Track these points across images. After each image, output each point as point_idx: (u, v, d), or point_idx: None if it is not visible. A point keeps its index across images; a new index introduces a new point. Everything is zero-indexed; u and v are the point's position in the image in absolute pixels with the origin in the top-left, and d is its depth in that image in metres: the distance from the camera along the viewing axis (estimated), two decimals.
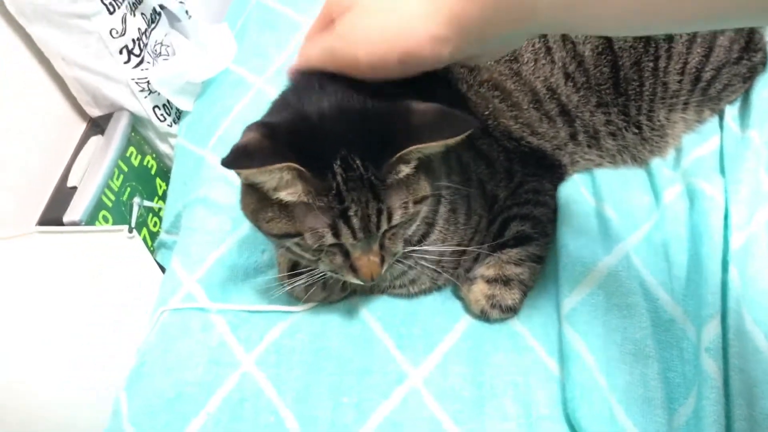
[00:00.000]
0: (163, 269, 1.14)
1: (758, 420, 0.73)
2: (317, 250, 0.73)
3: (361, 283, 0.76)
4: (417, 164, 0.70)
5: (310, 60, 0.70)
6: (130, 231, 1.08)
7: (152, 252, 1.22)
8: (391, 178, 0.69)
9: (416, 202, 0.72)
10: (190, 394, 0.84)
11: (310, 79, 0.72)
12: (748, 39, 0.97)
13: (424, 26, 0.63)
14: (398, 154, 0.67)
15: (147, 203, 1.28)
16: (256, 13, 1.31)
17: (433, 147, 0.68)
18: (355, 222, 0.69)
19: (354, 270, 0.74)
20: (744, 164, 0.92)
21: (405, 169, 0.69)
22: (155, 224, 1.30)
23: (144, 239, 1.25)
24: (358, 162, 0.66)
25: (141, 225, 1.26)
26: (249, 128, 0.68)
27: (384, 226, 0.71)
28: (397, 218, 0.71)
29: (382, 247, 0.74)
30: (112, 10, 1.12)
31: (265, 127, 0.68)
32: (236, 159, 0.65)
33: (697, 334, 0.79)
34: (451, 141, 0.67)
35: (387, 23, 0.64)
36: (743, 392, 0.74)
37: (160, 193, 1.34)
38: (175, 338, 0.91)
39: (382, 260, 0.74)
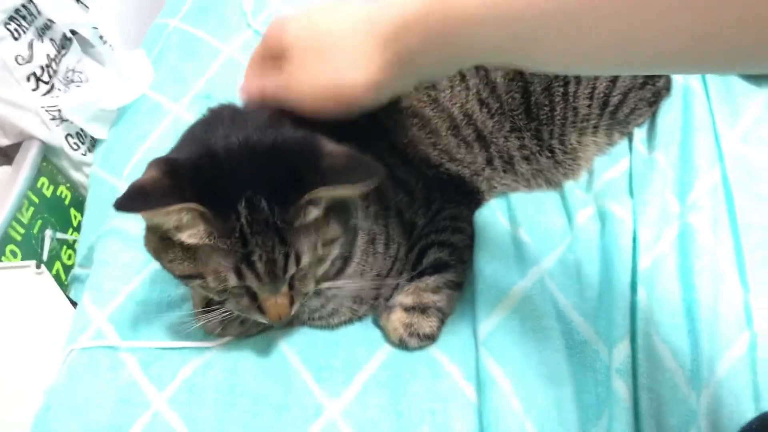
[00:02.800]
0: (75, 305, 1.10)
1: None
2: (223, 291, 0.72)
3: (270, 323, 0.75)
4: (327, 207, 0.69)
5: (264, 99, 0.75)
6: (38, 266, 1.03)
7: (66, 287, 1.17)
8: (298, 221, 0.68)
9: (326, 244, 0.71)
10: None
11: (222, 111, 0.71)
12: None
13: (358, 75, 0.66)
14: (305, 198, 0.66)
15: (60, 235, 1.23)
16: (175, 38, 1.28)
17: (340, 192, 0.67)
18: (260, 267, 0.67)
19: (261, 311, 0.73)
20: (651, 186, 0.95)
21: (314, 212, 0.69)
22: (69, 257, 1.25)
23: (57, 273, 1.20)
24: (264, 204, 0.65)
25: (54, 258, 1.21)
26: (150, 165, 0.67)
27: (291, 270, 0.70)
28: (305, 261, 0.70)
29: (291, 287, 0.73)
30: (17, 36, 1.08)
31: (166, 164, 0.66)
32: (130, 200, 0.63)
33: (608, 355, 0.80)
34: (357, 189, 0.67)
35: (323, 75, 0.69)
36: (652, 411, 0.76)
37: (75, 224, 1.29)
38: (83, 378, 0.87)
39: (291, 301, 0.73)
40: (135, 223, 1.01)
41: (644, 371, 0.78)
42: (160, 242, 0.70)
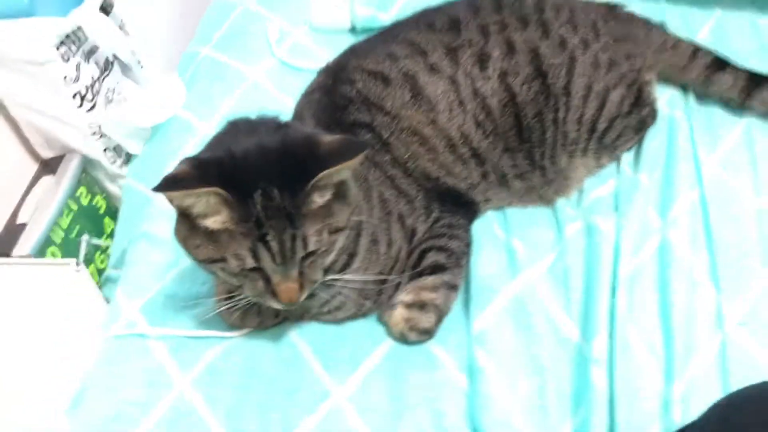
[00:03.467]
0: (108, 303, 1.20)
1: (638, 424, 0.83)
2: (241, 275, 0.82)
3: (282, 308, 0.85)
4: (332, 195, 0.80)
5: None
6: (77, 264, 1.14)
7: (99, 287, 1.28)
8: (306, 207, 0.78)
9: (332, 233, 0.82)
10: (129, 414, 0.91)
11: (238, 122, 0.85)
12: (637, 95, 1.11)
13: None
14: (311, 183, 0.77)
15: (95, 241, 1.34)
16: (205, 64, 1.40)
17: (340, 170, 0.78)
18: (274, 246, 0.78)
19: (275, 295, 0.83)
20: (634, 203, 1.05)
21: (318, 200, 0.79)
22: (102, 261, 1.36)
23: (91, 275, 1.30)
24: (276, 193, 0.77)
25: (88, 262, 1.32)
26: (181, 162, 0.79)
27: (300, 252, 0.80)
28: (312, 245, 0.80)
29: (301, 274, 0.83)
30: (66, 58, 1.20)
31: (195, 160, 0.80)
32: (166, 185, 0.76)
33: (587, 349, 0.89)
34: (352, 162, 0.78)
35: None
36: (627, 399, 0.84)
37: (108, 231, 1.40)
38: (116, 363, 0.97)
39: (301, 287, 0.83)
40: (164, 227, 1.12)
41: (620, 362, 0.87)
42: (188, 231, 0.82)
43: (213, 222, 0.79)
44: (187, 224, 0.81)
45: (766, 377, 0.76)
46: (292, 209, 0.77)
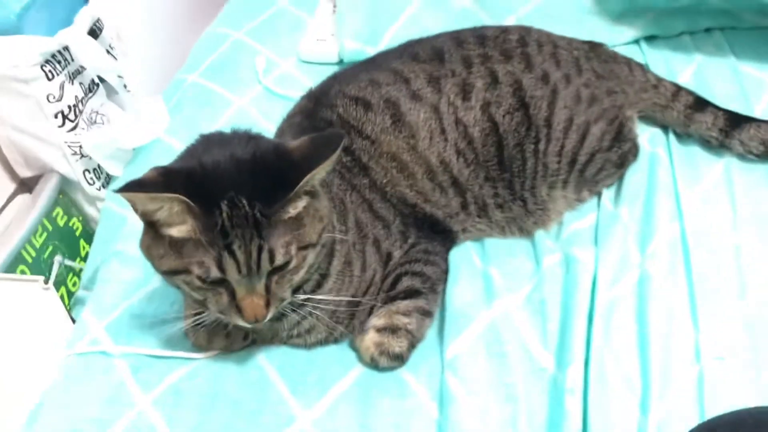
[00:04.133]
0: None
1: None
2: (205, 289, 0.80)
3: (247, 325, 0.82)
4: (304, 207, 0.79)
5: None
6: (45, 282, 1.12)
7: (69, 309, 1.25)
8: (276, 216, 0.77)
9: (301, 248, 0.80)
10: (84, 431, 0.87)
11: (211, 136, 0.85)
12: (618, 131, 1.12)
13: None
14: (295, 189, 0.76)
15: (68, 262, 1.32)
16: (191, 91, 1.41)
17: (321, 171, 0.78)
18: (239, 256, 0.76)
19: (239, 311, 0.80)
20: (613, 236, 1.04)
21: (291, 210, 0.78)
22: (74, 284, 1.33)
23: (62, 297, 1.27)
24: (244, 201, 0.75)
25: (60, 284, 1.29)
26: (150, 169, 0.78)
27: (266, 265, 0.78)
28: (279, 258, 0.78)
29: (268, 290, 0.81)
30: (51, 77, 1.20)
31: (162, 168, 0.79)
32: (129, 186, 0.75)
33: (562, 378, 0.87)
34: (332, 158, 0.78)
35: None
36: (599, 428, 0.81)
37: (83, 254, 1.38)
38: (76, 380, 0.94)
39: (268, 304, 0.81)
40: (135, 247, 1.10)
41: (595, 392, 0.84)
42: (152, 240, 0.80)
43: (177, 231, 0.77)
44: (152, 233, 0.80)
45: None
46: (261, 219, 0.76)
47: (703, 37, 1.40)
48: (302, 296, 0.87)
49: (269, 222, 0.77)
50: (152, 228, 0.80)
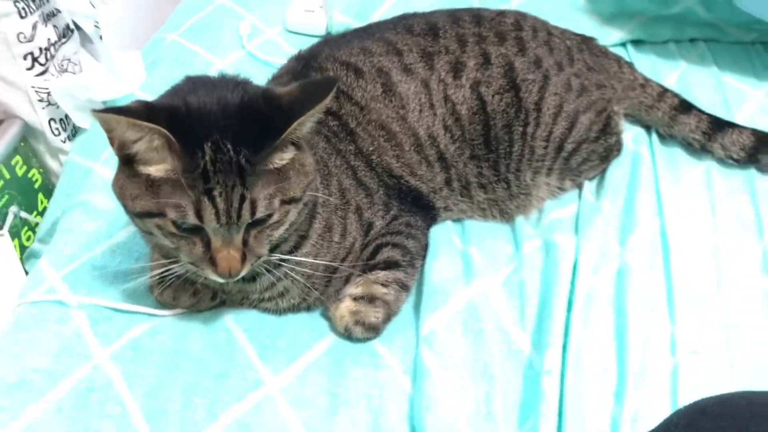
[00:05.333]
0: None
1: None
2: (179, 236, 0.75)
3: (220, 279, 0.78)
4: (290, 159, 0.76)
5: None
6: (0, 228, 1.05)
7: (22, 263, 1.18)
8: (262, 165, 0.74)
9: (284, 202, 0.76)
10: (33, 381, 0.82)
11: (198, 78, 0.81)
12: (606, 123, 1.11)
13: None
14: (284, 134, 0.72)
15: (24, 215, 1.24)
16: (171, 50, 1.36)
17: (309, 118, 0.74)
18: (219, 203, 0.72)
19: (213, 264, 0.76)
20: (594, 226, 1.03)
21: (277, 160, 0.75)
22: (29, 238, 1.26)
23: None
24: (229, 146, 0.72)
25: (13, 236, 1.22)
26: (132, 101, 0.73)
27: (246, 215, 0.74)
28: (261, 210, 0.74)
29: (245, 244, 0.77)
30: (23, 14, 1.14)
31: (147, 102, 0.75)
32: (110, 109, 0.71)
33: (539, 360, 0.85)
34: (323, 104, 0.74)
35: None
36: (576, 413, 0.80)
37: (40, 208, 1.31)
38: (29, 328, 0.88)
39: (244, 258, 0.77)
40: (103, 198, 1.06)
41: (572, 376, 0.83)
42: (127, 179, 0.76)
43: (156, 170, 0.73)
44: (127, 171, 0.76)
45: None
46: (246, 166, 0.72)
47: (688, 46, 1.42)
48: (279, 256, 0.83)
49: (254, 170, 0.74)
50: (128, 165, 0.75)
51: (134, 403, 0.80)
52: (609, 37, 1.39)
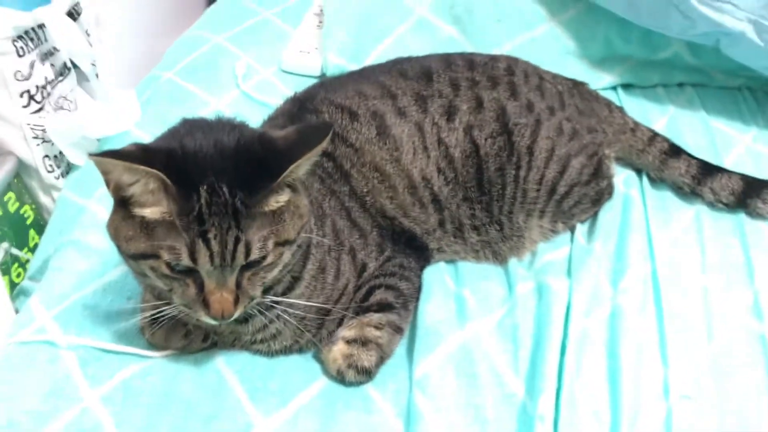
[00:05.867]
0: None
1: None
2: (172, 278, 0.75)
3: (212, 321, 0.78)
4: (286, 201, 0.76)
5: None
6: None
7: (11, 300, 1.17)
8: (257, 208, 0.74)
9: (278, 244, 0.77)
10: (21, 423, 0.80)
11: (194, 121, 0.82)
12: (597, 167, 1.13)
13: None
14: (279, 179, 0.73)
15: (15, 251, 1.24)
16: (166, 88, 1.37)
17: (305, 161, 0.75)
18: (214, 245, 0.72)
19: (206, 305, 0.76)
20: (587, 268, 1.04)
21: (273, 203, 0.75)
22: (19, 275, 1.25)
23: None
24: (224, 189, 0.72)
25: (3, 273, 1.21)
26: (129, 144, 0.74)
27: (241, 258, 0.74)
28: (255, 252, 0.74)
29: (239, 286, 0.77)
30: (21, 53, 1.15)
31: (143, 145, 0.76)
32: (107, 153, 0.71)
33: (533, 405, 0.84)
34: (319, 148, 0.75)
35: None
36: None
37: (31, 245, 1.30)
38: (17, 370, 0.87)
39: (237, 300, 0.77)
40: (96, 237, 1.05)
41: (565, 421, 0.82)
42: (122, 221, 0.76)
43: (151, 212, 0.74)
44: (122, 213, 0.76)
45: None
46: (241, 208, 0.73)
47: (677, 90, 1.45)
48: (272, 298, 0.83)
49: (249, 213, 0.74)
50: (123, 207, 0.76)
51: None
52: (599, 81, 1.41)
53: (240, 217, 0.73)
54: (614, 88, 1.44)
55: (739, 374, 0.92)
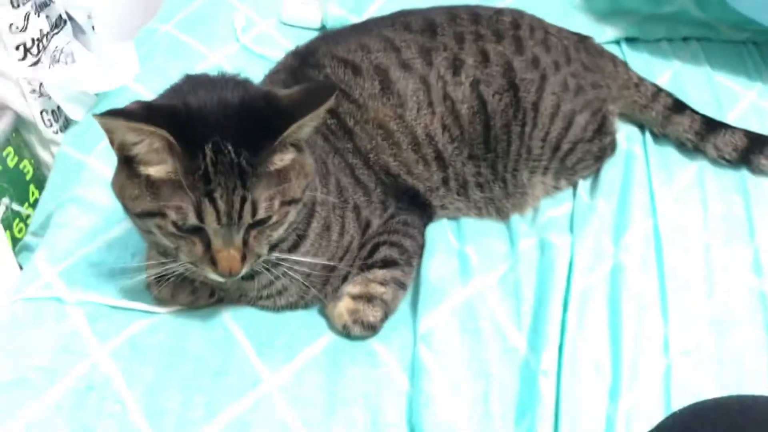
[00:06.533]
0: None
1: None
2: (178, 236, 0.75)
3: (219, 279, 0.78)
4: (291, 160, 0.76)
5: None
6: None
7: (14, 255, 1.17)
8: (263, 167, 0.74)
9: (284, 203, 0.77)
10: (32, 380, 0.81)
11: (198, 77, 0.81)
12: (601, 123, 1.12)
13: None
14: (279, 139, 0.72)
15: (16, 206, 1.23)
16: (164, 41, 1.34)
17: (309, 121, 0.75)
18: (220, 205, 0.72)
19: (213, 263, 0.76)
20: (589, 225, 1.04)
21: (278, 161, 0.75)
22: (20, 230, 1.25)
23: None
24: (230, 148, 0.71)
25: (5, 228, 1.21)
26: (132, 102, 0.72)
27: (247, 217, 0.74)
28: (262, 211, 0.74)
29: (246, 244, 0.77)
30: (16, 5, 1.12)
31: (146, 102, 0.75)
32: (110, 112, 0.70)
33: (536, 360, 0.86)
34: (321, 109, 0.74)
35: None
36: (571, 413, 0.81)
37: (31, 200, 1.30)
38: (25, 326, 0.88)
39: (244, 258, 0.77)
40: (98, 192, 1.05)
41: (567, 376, 0.84)
42: (127, 179, 0.76)
43: (156, 171, 0.73)
44: (127, 171, 0.75)
45: None
46: (247, 168, 0.72)
47: (681, 45, 1.43)
48: (278, 255, 0.84)
49: (254, 172, 0.73)
50: (128, 165, 0.75)
51: (133, 401, 0.80)
52: (603, 34, 1.39)
53: (246, 176, 0.73)
54: (618, 42, 1.41)
55: (738, 330, 0.93)
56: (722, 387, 0.88)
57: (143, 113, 0.71)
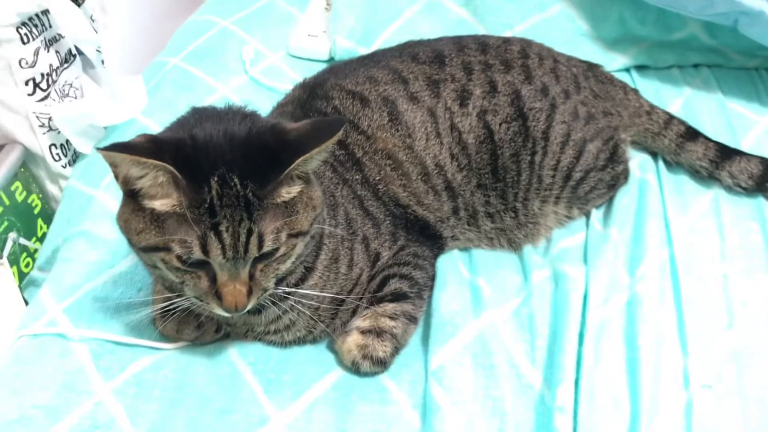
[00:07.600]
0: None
1: None
2: (183, 271, 0.74)
3: (225, 314, 0.76)
4: (298, 192, 0.75)
5: None
6: (0, 257, 1.03)
7: (20, 290, 1.16)
8: (269, 200, 0.72)
9: (291, 236, 0.75)
10: (34, 418, 0.80)
11: (205, 109, 0.80)
12: (613, 151, 1.10)
13: None
14: (286, 172, 0.71)
15: (23, 241, 1.23)
16: (173, 74, 1.35)
17: (316, 155, 0.73)
18: (226, 238, 0.71)
19: (218, 298, 0.75)
20: (603, 255, 1.02)
21: (285, 194, 0.74)
22: (27, 265, 1.24)
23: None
24: (236, 180, 0.70)
25: (12, 262, 1.20)
26: (138, 135, 0.72)
27: (254, 250, 0.73)
28: (268, 244, 0.73)
29: (252, 278, 0.75)
30: (26, 40, 1.13)
31: (151, 136, 0.73)
32: (114, 146, 0.69)
33: (551, 396, 0.83)
34: (329, 143, 0.73)
35: None
36: None
37: (39, 234, 1.29)
38: (28, 363, 0.86)
39: (250, 292, 0.75)
40: (104, 228, 1.04)
41: (584, 412, 0.81)
42: (132, 213, 0.74)
43: (161, 204, 0.72)
44: (132, 205, 0.74)
45: None
46: (253, 200, 0.71)
47: (692, 72, 1.42)
48: (285, 289, 0.82)
49: (261, 204, 0.72)
50: (133, 199, 0.74)
51: None
52: (613, 62, 1.39)
53: (252, 209, 0.71)
54: (628, 69, 1.41)
55: (761, 362, 0.90)
56: (745, 422, 0.85)
57: (148, 147, 0.70)
